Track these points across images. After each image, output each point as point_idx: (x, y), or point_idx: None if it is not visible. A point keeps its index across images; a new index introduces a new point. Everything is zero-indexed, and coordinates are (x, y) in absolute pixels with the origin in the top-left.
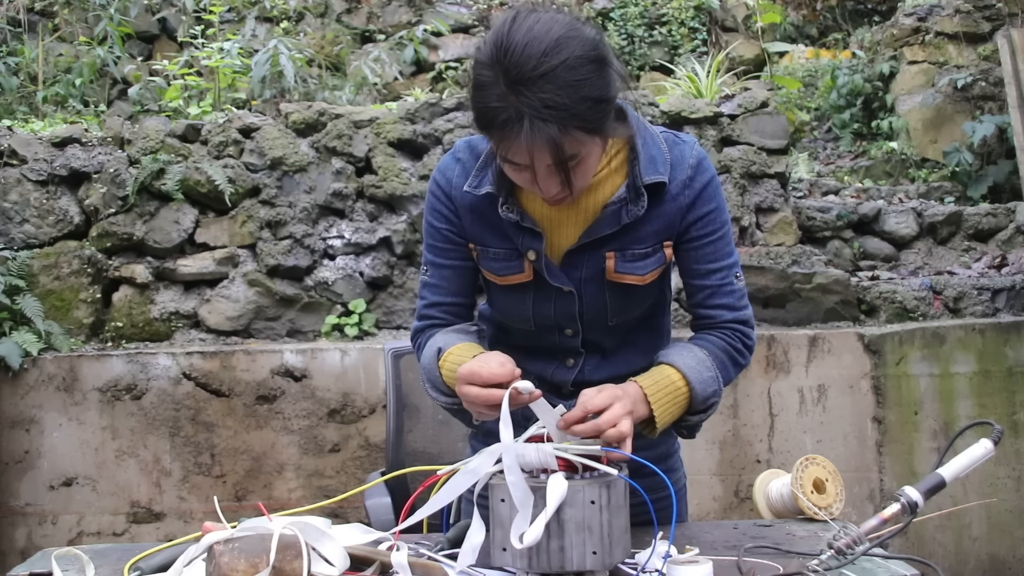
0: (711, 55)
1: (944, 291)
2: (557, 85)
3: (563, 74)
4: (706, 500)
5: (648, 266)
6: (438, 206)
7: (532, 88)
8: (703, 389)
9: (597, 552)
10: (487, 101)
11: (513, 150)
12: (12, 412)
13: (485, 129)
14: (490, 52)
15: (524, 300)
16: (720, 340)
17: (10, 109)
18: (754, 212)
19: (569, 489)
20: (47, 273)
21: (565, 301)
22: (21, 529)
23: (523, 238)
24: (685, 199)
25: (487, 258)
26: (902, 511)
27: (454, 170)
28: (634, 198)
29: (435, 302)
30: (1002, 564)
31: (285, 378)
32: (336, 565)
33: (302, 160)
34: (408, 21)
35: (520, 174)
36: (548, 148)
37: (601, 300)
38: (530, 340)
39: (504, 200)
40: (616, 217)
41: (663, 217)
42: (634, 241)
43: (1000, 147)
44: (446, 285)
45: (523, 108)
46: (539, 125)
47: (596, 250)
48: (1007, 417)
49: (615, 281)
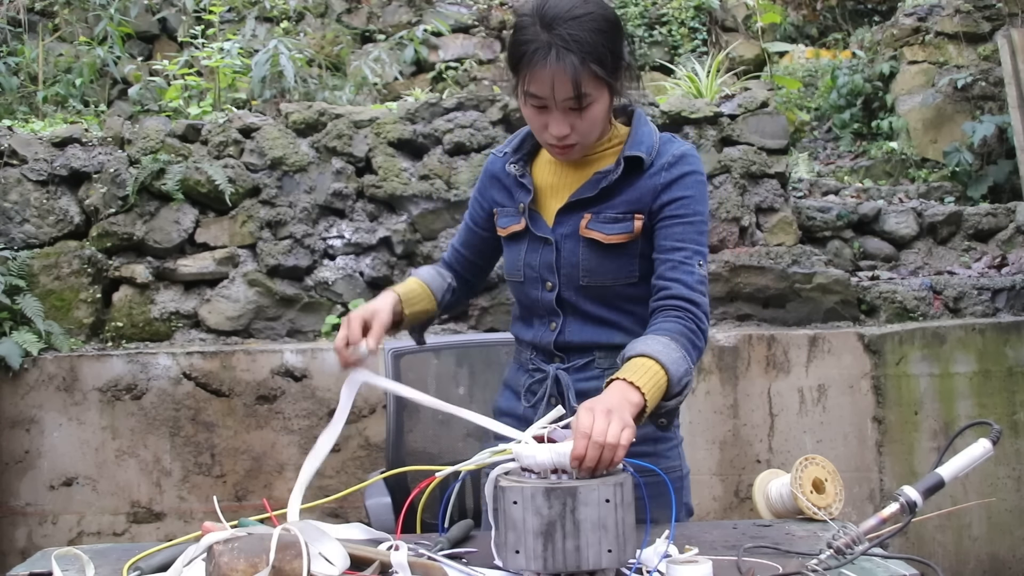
0: (711, 55)
1: (944, 291)
2: (582, 27)
3: (588, 22)
4: (706, 500)
5: (615, 229)
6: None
7: (562, 27)
8: (676, 369)
9: (613, 550)
10: (522, 38)
11: (537, 80)
12: (12, 412)
13: (518, 64)
14: (530, 6)
15: (519, 250)
16: (676, 323)
17: (10, 109)
18: (754, 212)
19: (583, 489)
20: (47, 273)
21: (547, 252)
22: (21, 529)
23: (517, 192)
24: (661, 179)
25: (501, 215)
26: (901, 511)
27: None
28: (614, 168)
29: (451, 244)
30: (1002, 564)
31: (285, 378)
32: (336, 565)
33: (302, 160)
34: (408, 21)
35: (538, 115)
36: (569, 75)
37: (575, 256)
38: (523, 298)
39: (515, 160)
40: (596, 183)
41: (637, 190)
42: (609, 207)
43: (1000, 147)
44: (461, 236)
45: (552, 40)
46: (564, 53)
47: (578, 211)
48: (1007, 417)
49: (585, 236)
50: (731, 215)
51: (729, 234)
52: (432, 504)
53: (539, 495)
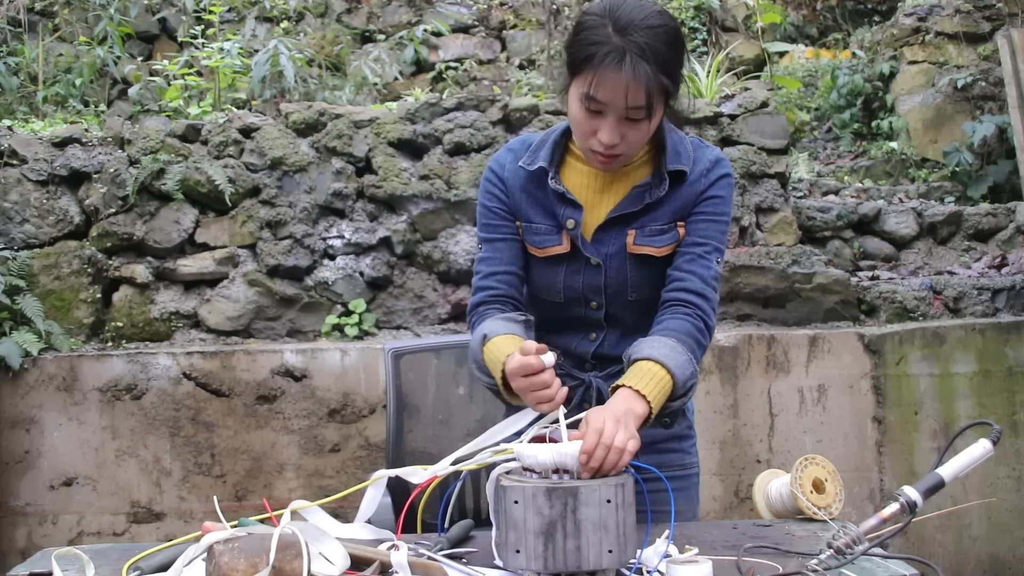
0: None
1: (944, 291)
2: (658, 37)
3: (663, 33)
4: (706, 500)
5: (664, 240)
6: (491, 188)
7: (638, 33)
8: (681, 373)
9: (613, 550)
10: (592, 38)
11: (604, 84)
12: (12, 412)
13: (582, 64)
14: (600, 7)
15: (558, 272)
16: (683, 322)
17: (10, 109)
18: (754, 212)
19: (584, 489)
20: (47, 273)
21: (592, 273)
22: (21, 529)
23: (565, 209)
24: (701, 185)
25: (530, 232)
26: (901, 511)
27: (507, 158)
28: (658, 183)
29: (489, 272)
30: (1002, 564)
31: (285, 378)
32: (336, 565)
33: (302, 160)
34: (408, 21)
35: (590, 120)
36: (643, 83)
37: (623, 274)
38: (558, 313)
39: (553, 174)
40: (640, 198)
41: (680, 199)
42: (653, 220)
43: (1000, 147)
44: (499, 256)
45: (627, 46)
46: (639, 62)
47: (621, 227)
48: (1007, 417)
49: (635, 253)
50: (731, 215)
51: (729, 234)
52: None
53: (540, 495)
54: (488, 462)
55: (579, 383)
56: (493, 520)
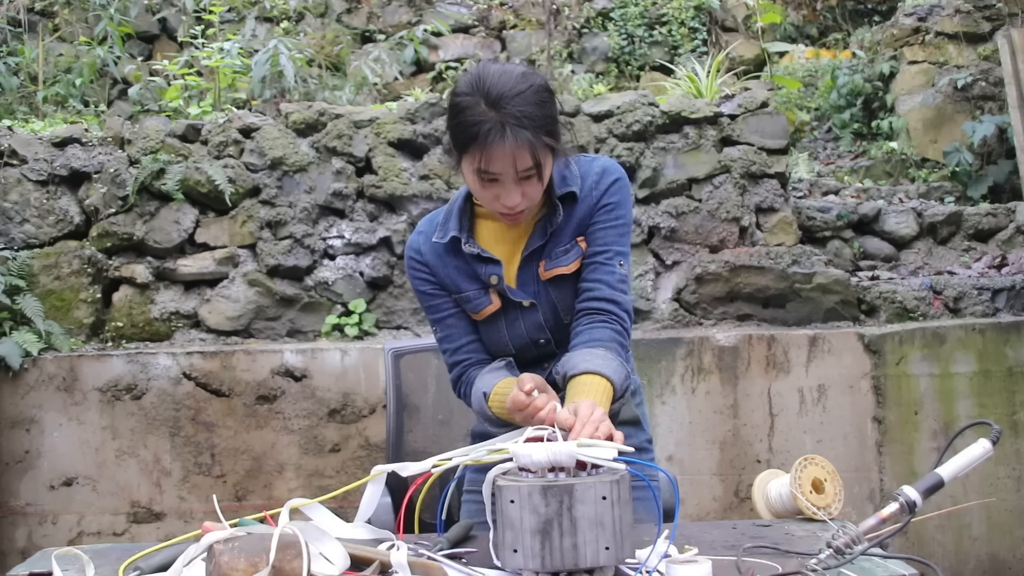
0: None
1: (944, 291)
2: (529, 102)
3: (532, 95)
4: (706, 500)
5: (570, 258)
6: (418, 274)
7: (510, 104)
8: (618, 378)
9: (610, 547)
10: (470, 118)
11: (494, 157)
12: (12, 412)
13: (467, 145)
14: (468, 83)
15: (499, 328)
16: (604, 329)
17: (10, 109)
18: (754, 212)
19: (580, 486)
20: (47, 273)
21: (529, 315)
22: (21, 529)
23: (485, 268)
24: (592, 198)
25: (463, 301)
26: (901, 511)
27: (419, 240)
28: (553, 211)
29: (455, 348)
30: (1002, 564)
31: (285, 378)
32: (336, 565)
33: (302, 160)
34: (408, 21)
35: (487, 188)
36: (527, 149)
37: (550, 302)
38: (516, 361)
39: (467, 239)
40: (543, 230)
41: (576, 217)
42: (556, 244)
43: (1000, 147)
44: (455, 330)
45: (504, 119)
46: (518, 131)
47: (533, 263)
48: (1007, 417)
49: (547, 278)
50: (731, 215)
51: (729, 234)
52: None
53: (536, 493)
54: (484, 461)
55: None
56: (490, 520)
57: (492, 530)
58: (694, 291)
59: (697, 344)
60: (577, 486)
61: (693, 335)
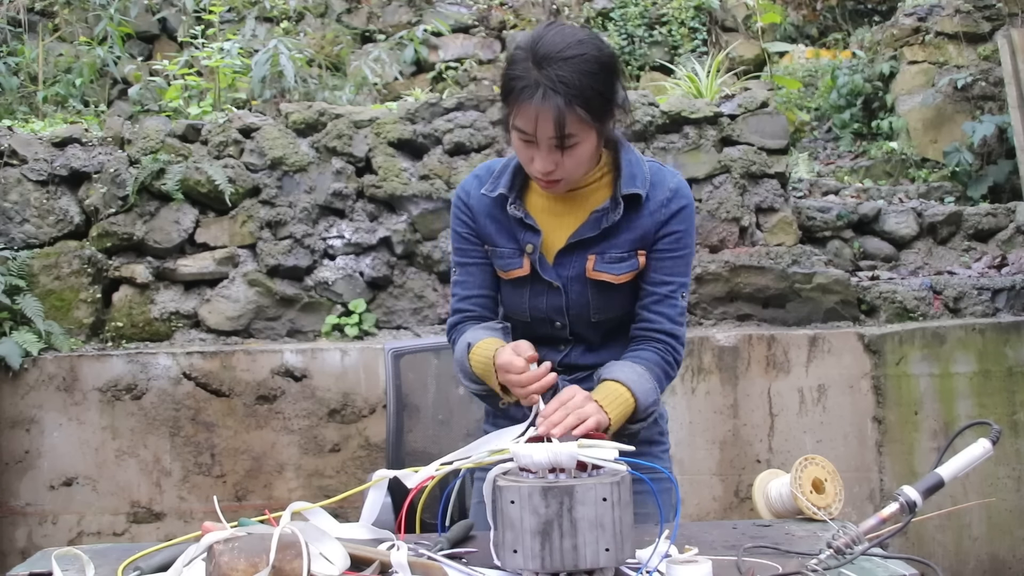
0: (711, 55)
1: (944, 291)
2: (572, 69)
3: (579, 64)
4: (706, 500)
5: (623, 268)
6: (460, 215)
7: (552, 66)
8: (645, 399)
9: (610, 549)
10: (512, 71)
11: (523, 116)
12: (12, 412)
13: (505, 97)
14: (527, 39)
15: (522, 294)
16: (654, 354)
17: (10, 109)
18: (754, 212)
19: (580, 487)
20: (47, 273)
21: (554, 296)
22: (21, 529)
23: (524, 234)
24: (661, 216)
25: (496, 256)
26: (901, 511)
27: (472, 184)
28: (613, 207)
29: (465, 295)
30: (1002, 564)
31: (285, 378)
32: (336, 565)
33: (302, 160)
34: (408, 21)
35: (525, 148)
36: (552, 116)
37: (584, 297)
38: (528, 330)
39: (513, 200)
40: (598, 223)
41: (640, 228)
42: (613, 246)
43: (1000, 147)
44: (472, 280)
45: (541, 79)
46: (550, 94)
47: (581, 252)
48: (1007, 417)
49: (594, 279)
50: (731, 215)
51: (729, 234)
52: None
53: (536, 494)
54: (484, 462)
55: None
56: (491, 521)
57: (492, 530)
58: (694, 291)
59: (697, 344)
60: (578, 487)
61: (693, 335)
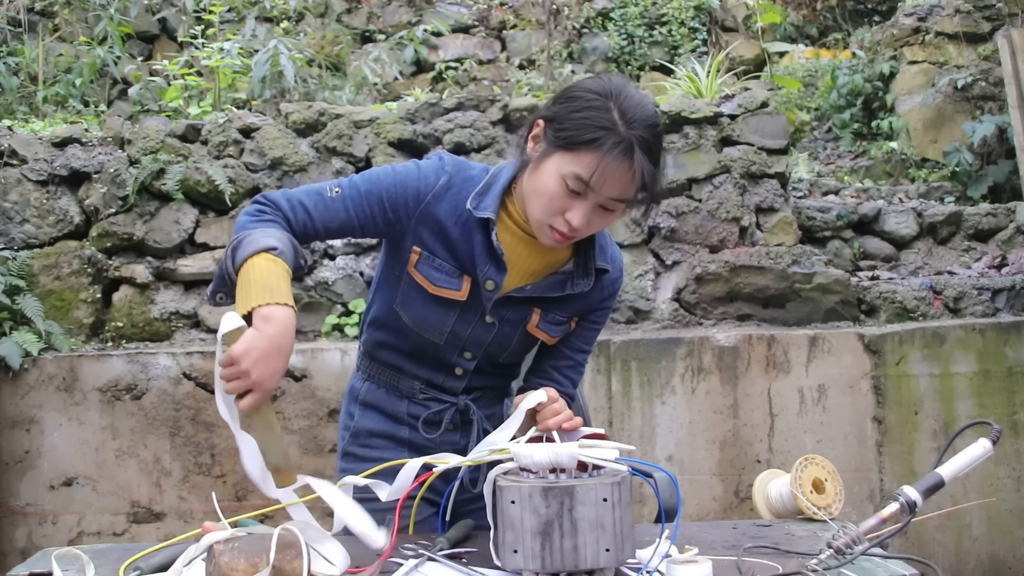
0: (711, 55)
1: (944, 291)
2: (657, 137)
3: (660, 132)
4: (706, 500)
5: (559, 331)
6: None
7: (642, 129)
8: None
9: (611, 549)
10: (597, 120)
11: (588, 165)
12: (12, 412)
13: (579, 144)
14: (601, 86)
15: (447, 315)
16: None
17: (10, 109)
18: (754, 212)
19: (581, 488)
20: (47, 273)
21: (482, 330)
22: (21, 529)
23: (487, 266)
24: (607, 291)
25: (428, 265)
26: (901, 511)
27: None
28: (582, 275)
29: (310, 217)
30: (1002, 564)
31: (285, 378)
32: (336, 565)
33: (302, 160)
34: (408, 21)
35: (566, 197)
36: (632, 178)
37: (508, 340)
38: (427, 349)
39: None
40: (562, 285)
41: (588, 300)
42: (561, 309)
43: (1000, 147)
44: (327, 213)
45: (631, 137)
46: (639, 156)
47: (530, 304)
48: (1007, 417)
49: (530, 332)
50: (731, 215)
51: (729, 234)
52: None
53: (536, 494)
54: (484, 461)
55: (448, 405)
56: (491, 520)
57: (493, 530)
58: (694, 291)
59: (697, 344)
60: (578, 487)
61: (693, 335)
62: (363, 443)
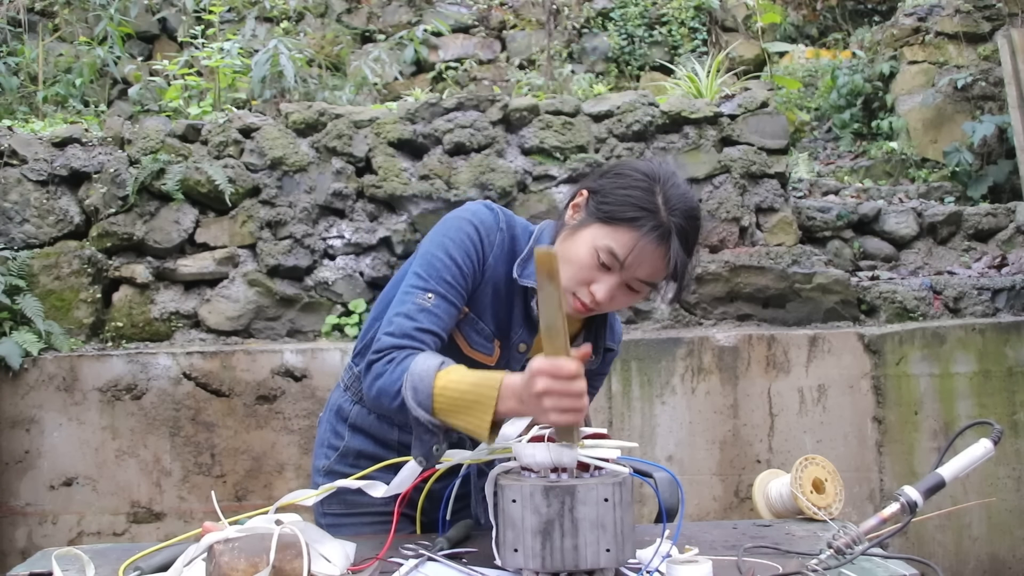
0: (711, 55)
1: (944, 291)
2: (696, 230)
3: (699, 226)
4: (706, 500)
5: None
6: (472, 254)
7: (682, 218)
8: None
9: (611, 549)
10: (640, 200)
11: (625, 244)
12: (12, 412)
13: (618, 221)
14: (651, 168)
15: None
16: None
17: (10, 109)
18: (754, 212)
19: (582, 487)
20: (47, 273)
21: None
22: (21, 529)
23: (522, 330)
24: (606, 367)
25: (471, 327)
26: (901, 511)
27: (495, 237)
28: (592, 352)
29: (429, 330)
30: (1002, 564)
31: (285, 378)
32: (336, 565)
33: (302, 160)
34: (408, 21)
35: (594, 270)
36: (664, 265)
37: None
38: None
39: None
40: None
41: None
42: None
43: (1000, 147)
44: (445, 320)
45: (671, 224)
46: (677, 245)
47: None
48: (1007, 417)
49: None
50: (731, 215)
51: (729, 234)
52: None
53: (538, 493)
54: (484, 460)
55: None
56: (492, 519)
57: (494, 529)
58: (694, 291)
59: (697, 344)
60: (579, 487)
61: (693, 335)
62: (352, 463)
